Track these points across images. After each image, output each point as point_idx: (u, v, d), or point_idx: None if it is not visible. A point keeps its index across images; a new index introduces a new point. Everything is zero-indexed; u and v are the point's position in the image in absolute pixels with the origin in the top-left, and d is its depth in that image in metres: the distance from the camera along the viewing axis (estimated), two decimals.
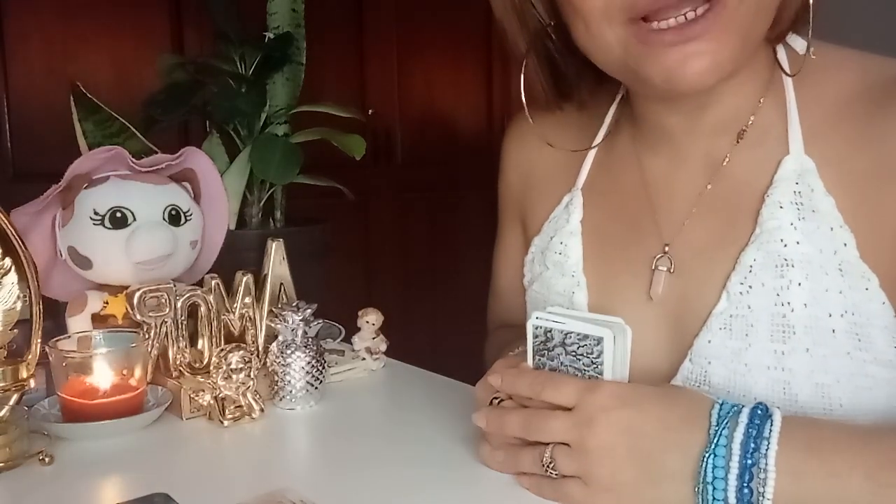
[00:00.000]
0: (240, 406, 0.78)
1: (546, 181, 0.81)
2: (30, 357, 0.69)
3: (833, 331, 0.59)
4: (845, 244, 0.59)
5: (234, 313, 0.86)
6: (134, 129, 1.08)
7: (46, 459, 0.67)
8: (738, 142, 0.66)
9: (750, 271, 0.62)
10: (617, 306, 0.69)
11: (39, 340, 0.70)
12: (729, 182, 0.66)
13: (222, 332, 0.85)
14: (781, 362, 0.60)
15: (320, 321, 0.98)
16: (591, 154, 0.77)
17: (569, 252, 0.74)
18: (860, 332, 0.59)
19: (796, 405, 0.60)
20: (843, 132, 0.61)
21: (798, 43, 0.66)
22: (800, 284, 0.60)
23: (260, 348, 0.87)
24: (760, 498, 0.50)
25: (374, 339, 0.93)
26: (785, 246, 0.61)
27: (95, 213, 0.85)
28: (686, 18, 0.56)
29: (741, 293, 0.62)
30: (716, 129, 0.67)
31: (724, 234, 0.65)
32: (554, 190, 0.79)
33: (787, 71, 0.65)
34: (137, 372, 0.78)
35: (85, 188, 0.86)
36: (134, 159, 0.88)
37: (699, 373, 0.64)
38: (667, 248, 0.68)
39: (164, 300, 0.81)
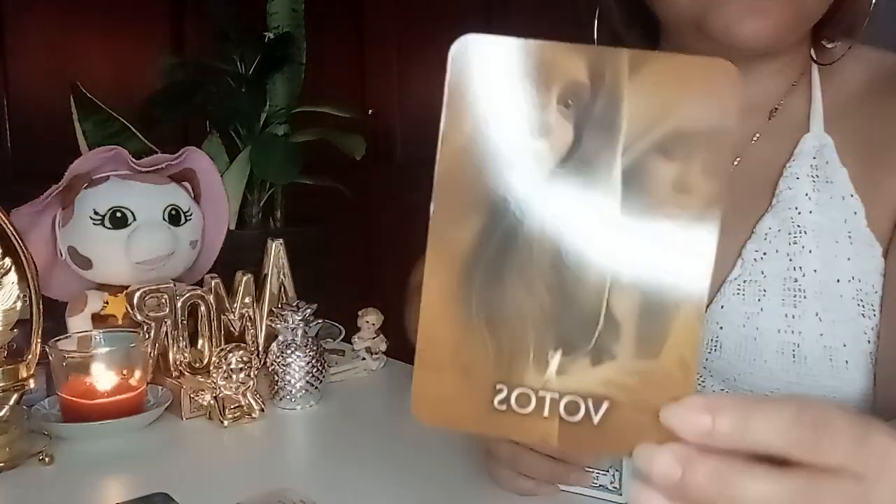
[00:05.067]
0: (240, 406, 0.78)
1: None
2: (30, 357, 0.69)
3: (841, 296, 0.62)
4: (855, 213, 0.63)
5: (234, 313, 0.86)
6: (134, 129, 1.08)
7: (46, 459, 0.67)
8: (769, 120, 0.69)
9: (765, 239, 0.65)
10: None
11: (39, 340, 0.70)
12: (755, 158, 0.69)
13: (222, 332, 0.85)
14: (792, 326, 0.62)
15: (320, 321, 0.98)
16: None
17: None
18: (865, 298, 0.61)
19: (805, 367, 0.62)
20: (862, 111, 0.66)
21: None
22: (811, 251, 0.63)
23: (260, 348, 0.87)
24: None
25: (373, 339, 0.93)
26: (799, 213, 0.64)
27: (95, 213, 0.85)
28: None
29: (755, 259, 0.65)
30: (749, 109, 0.70)
31: (745, 206, 0.68)
32: None
33: (817, 60, 0.69)
34: (137, 372, 0.78)
35: (85, 188, 0.86)
36: (134, 159, 0.88)
37: (710, 338, 0.65)
38: None
39: (164, 300, 0.81)
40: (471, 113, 0.34)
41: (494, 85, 0.34)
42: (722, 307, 0.65)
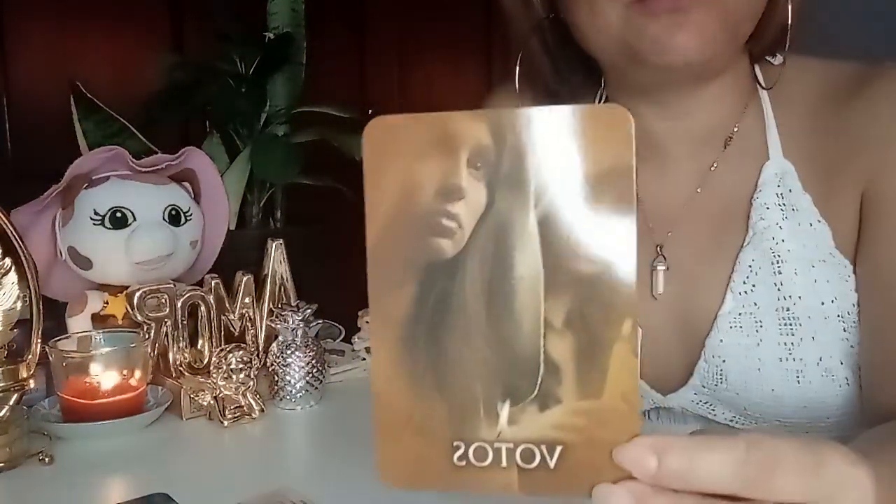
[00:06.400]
0: (240, 406, 0.78)
1: None
2: (30, 357, 0.69)
3: (826, 317, 0.63)
4: (823, 237, 0.64)
5: (234, 313, 0.86)
6: (134, 129, 1.08)
7: (46, 459, 0.67)
8: (725, 148, 0.69)
9: (750, 270, 0.65)
10: None
11: (39, 340, 0.70)
12: (718, 187, 0.69)
13: (222, 332, 0.85)
14: (793, 353, 0.64)
15: (320, 321, 0.98)
16: None
17: None
18: (846, 317, 0.63)
19: (811, 391, 0.63)
20: (814, 132, 0.66)
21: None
22: (794, 280, 0.64)
23: (260, 348, 0.87)
24: None
25: None
26: (776, 243, 0.65)
27: (95, 213, 0.85)
28: None
29: (745, 292, 0.65)
30: (702, 137, 0.69)
31: (718, 237, 0.68)
32: None
33: (762, 83, 0.69)
34: (137, 372, 0.78)
35: (85, 188, 0.86)
36: (134, 159, 0.88)
37: (714, 371, 0.66)
38: (660, 249, 0.70)
39: (164, 300, 0.81)
40: (390, 188, 0.36)
41: (408, 159, 0.35)
42: (721, 341, 0.66)
